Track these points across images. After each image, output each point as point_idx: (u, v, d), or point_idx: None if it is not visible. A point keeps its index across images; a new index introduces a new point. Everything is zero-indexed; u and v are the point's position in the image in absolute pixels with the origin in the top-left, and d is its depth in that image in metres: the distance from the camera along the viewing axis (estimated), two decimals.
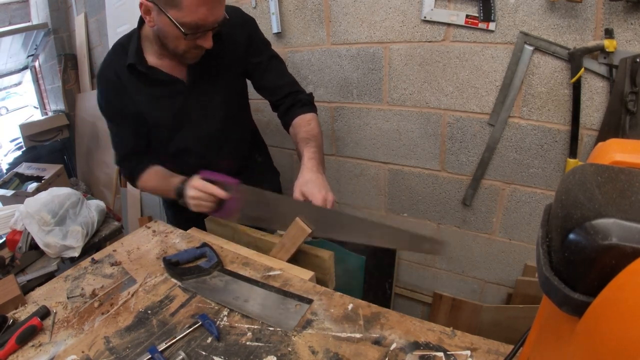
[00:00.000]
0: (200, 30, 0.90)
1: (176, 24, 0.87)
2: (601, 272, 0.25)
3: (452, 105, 1.37)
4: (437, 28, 1.29)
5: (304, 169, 0.96)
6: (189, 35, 0.89)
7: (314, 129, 1.09)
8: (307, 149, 1.01)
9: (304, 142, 1.04)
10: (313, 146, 1.02)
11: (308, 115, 1.12)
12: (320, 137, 1.09)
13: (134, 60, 1.00)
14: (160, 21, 0.90)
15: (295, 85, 1.17)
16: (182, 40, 0.91)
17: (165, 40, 0.95)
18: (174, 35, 0.90)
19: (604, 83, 1.10)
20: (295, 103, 1.14)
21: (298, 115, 1.11)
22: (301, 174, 0.95)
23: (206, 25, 0.89)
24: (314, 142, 1.04)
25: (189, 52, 0.96)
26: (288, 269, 0.90)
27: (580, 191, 0.28)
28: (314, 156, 0.99)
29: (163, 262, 0.94)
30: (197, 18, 0.87)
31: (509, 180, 1.37)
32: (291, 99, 1.14)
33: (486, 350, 0.63)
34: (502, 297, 1.57)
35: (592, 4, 1.03)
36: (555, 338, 0.34)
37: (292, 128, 1.12)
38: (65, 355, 0.72)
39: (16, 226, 1.30)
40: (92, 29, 2.90)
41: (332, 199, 0.90)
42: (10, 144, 4.73)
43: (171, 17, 0.86)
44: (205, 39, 0.93)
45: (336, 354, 0.66)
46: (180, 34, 0.88)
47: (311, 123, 1.10)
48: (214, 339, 0.72)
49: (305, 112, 1.12)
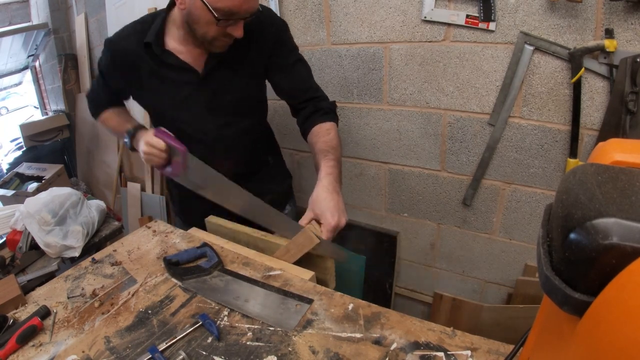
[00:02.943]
0: (232, 18, 0.89)
1: (210, 8, 0.86)
2: (602, 271, 0.25)
3: (453, 105, 1.37)
4: (437, 28, 1.29)
5: (320, 185, 0.93)
6: (221, 21, 0.88)
7: (333, 139, 1.05)
8: (325, 162, 0.98)
9: (322, 153, 1.01)
10: (331, 159, 0.99)
11: (327, 124, 1.08)
12: (339, 149, 1.05)
13: (151, 39, 1.00)
14: (192, 4, 0.89)
15: (317, 91, 1.15)
16: (212, 26, 0.90)
17: (195, 25, 0.93)
18: (206, 20, 0.90)
19: (604, 83, 1.10)
20: (316, 111, 1.11)
21: (318, 124, 1.08)
22: (316, 191, 0.92)
23: (239, 13, 0.89)
24: (333, 154, 1.01)
25: (218, 40, 0.95)
26: (288, 269, 0.90)
27: (580, 191, 0.28)
28: (331, 171, 0.96)
29: (163, 262, 0.94)
30: (231, 4, 0.86)
31: (509, 180, 1.37)
32: (312, 107, 1.11)
33: (486, 350, 0.63)
34: (502, 297, 1.57)
35: (592, 4, 1.03)
36: (556, 338, 0.34)
37: (311, 136, 1.09)
38: (65, 355, 0.72)
39: (16, 226, 1.30)
40: (92, 29, 2.91)
41: (344, 223, 0.88)
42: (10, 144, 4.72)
43: (205, 1, 0.86)
44: (236, 28, 0.92)
45: (336, 353, 0.66)
46: (213, 19, 0.87)
47: (330, 133, 1.06)
48: (214, 338, 0.72)
49: (325, 121, 1.09)
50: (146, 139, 0.97)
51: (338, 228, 0.87)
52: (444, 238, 1.61)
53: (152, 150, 0.95)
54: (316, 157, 1.03)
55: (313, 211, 0.90)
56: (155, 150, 0.95)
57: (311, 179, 1.02)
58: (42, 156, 3.32)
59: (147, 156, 0.97)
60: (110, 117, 1.20)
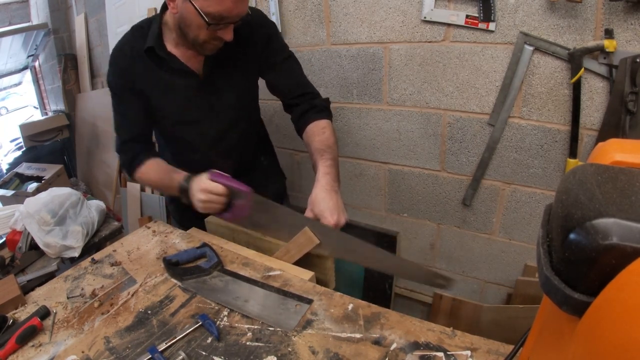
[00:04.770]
0: (223, 22, 0.90)
1: (200, 13, 0.87)
2: (601, 271, 0.25)
3: (452, 105, 1.37)
4: (437, 28, 1.29)
5: (318, 185, 0.93)
6: (212, 25, 0.89)
7: (329, 138, 1.05)
8: (323, 161, 0.98)
9: (318, 153, 1.01)
10: (328, 159, 0.99)
11: (322, 122, 1.08)
12: (336, 147, 1.05)
13: (153, 44, 0.99)
14: (184, 8, 0.90)
15: (309, 87, 1.15)
16: (203, 30, 0.91)
17: (186, 29, 0.94)
18: (197, 24, 0.90)
19: (604, 83, 1.10)
20: (310, 108, 1.11)
21: (312, 122, 1.09)
22: (314, 191, 0.93)
23: (230, 17, 0.90)
24: (329, 154, 1.01)
25: (209, 43, 0.96)
26: (288, 269, 0.90)
27: (580, 191, 0.28)
28: (329, 171, 0.96)
29: (163, 262, 0.94)
30: (221, 9, 0.87)
31: (509, 180, 1.37)
32: (307, 104, 1.12)
33: (486, 351, 0.63)
34: (502, 297, 1.57)
35: (592, 4, 1.03)
36: (555, 338, 0.34)
37: (306, 135, 1.09)
38: (65, 355, 0.72)
39: (16, 226, 1.30)
40: (92, 29, 2.90)
41: (344, 222, 0.88)
42: (10, 144, 4.72)
43: (196, 6, 0.86)
44: (226, 31, 0.93)
45: (336, 354, 0.66)
46: (203, 23, 0.88)
47: (326, 131, 1.06)
48: (214, 339, 0.72)
49: (320, 119, 1.09)
50: (202, 185, 0.93)
51: (338, 227, 0.88)
52: (444, 238, 1.61)
53: (211, 197, 0.92)
54: (313, 157, 1.03)
55: (312, 211, 0.90)
56: (214, 196, 0.92)
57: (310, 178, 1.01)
58: (42, 156, 3.32)
59: (205, 204, 0.94)
60: (151, 170, 1.11)
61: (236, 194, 0.92)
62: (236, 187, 0.91)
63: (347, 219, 0.90)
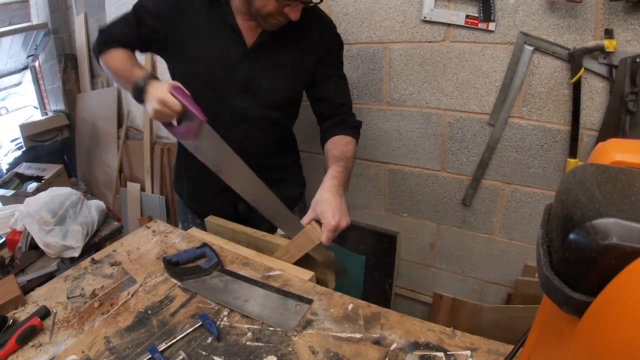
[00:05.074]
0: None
1: None
2: (601, 271, 0.25)
3: (452, 105, 1.37)
4: (437, 28, 1.29)
5: (324, 186, 0.93)
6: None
7: (349, 151, 1.06)
8: (334, 167, 0.98)
9: (333, 159, 1.02)
10: (341, 166, 0.99)
11: (349, 138, 1.10)
12: (352, 161, 1.06)
13: None
14: None
15: (350, 109, 1.16)
16: (272, 2, 0.89)
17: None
18: None
19: (604, 83, 1.10)
20: (344, 122, 1.12)
21: (340, 134, 1.09)
22: (319, 192, 0.92)
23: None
24: (344, 162, 1.01)
25: (273, 17, 0.93)
26: (288, 269, 0.90)
27: (580, 191, 0.28)
28: (337, 175, 0.96)
29: (163, 262, 0.94)
30: None
31: (509, 180, 1.37)
32: (341, 118, 1.13)
33: (486, 351, 0.63)
34: (502, 297, 1.57)
35: (592, 4, 1.03)
36: (555, 338, 0.34)
37: (328, 144, 1.09)
38: (65, 355, 0.72)
39: (16, 226, 1.30)
40: (92, 29, 2.90)
41: (345, 225, 0.88)
42: (10, 144, 4.72)
43: None
44: (294, 9, 0.90)
45: (336, 354, 0.66)
46: None
47: (348, 145, 1.08)
48: (214, 339, 0.72)
49: (349, 135, 1.10)
50: (160, 95, 0.88)
51: (338, 229, 0.87)
52: (444, 238, 1.61)
53: (165, 110, 0.88)
54: (327, 162, 1.03)
55: (314, 211, 0.89)
56: (167, 110, 0.88)
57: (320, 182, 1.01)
58: (42, 156, 3.32)
59: (156, 114, 0.90)
60: (117, 57, 1.04)
61: (190, 116, 0.89)
62: (192, 110, 0.87)
63: (349, 222, 0.89)
